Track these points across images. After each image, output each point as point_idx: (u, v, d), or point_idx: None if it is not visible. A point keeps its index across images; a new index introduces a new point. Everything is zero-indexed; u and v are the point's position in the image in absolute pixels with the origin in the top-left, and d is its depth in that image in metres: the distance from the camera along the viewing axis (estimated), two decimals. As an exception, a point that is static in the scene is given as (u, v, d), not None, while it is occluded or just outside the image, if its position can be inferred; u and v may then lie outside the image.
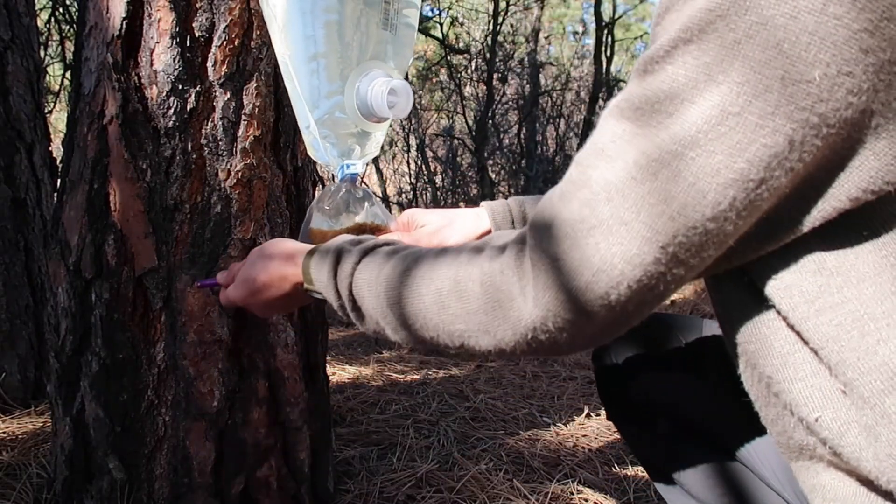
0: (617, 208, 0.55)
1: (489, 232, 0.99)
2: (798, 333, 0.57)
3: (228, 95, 1.21)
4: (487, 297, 0.63)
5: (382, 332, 0.75)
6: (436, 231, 0.99)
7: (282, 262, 0.85)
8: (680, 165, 0.52)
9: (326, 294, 0.78)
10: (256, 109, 1.23)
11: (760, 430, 0.64)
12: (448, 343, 0.69)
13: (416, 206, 6.80)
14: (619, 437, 1.83)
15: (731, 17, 0.50)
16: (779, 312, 0.57)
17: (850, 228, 0.54)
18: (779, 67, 0.49)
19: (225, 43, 1.19)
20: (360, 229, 0.97)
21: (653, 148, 0.53)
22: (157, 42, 1.17)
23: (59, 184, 1.36)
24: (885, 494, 0.55)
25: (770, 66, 0.49)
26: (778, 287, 0.57)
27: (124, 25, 1.17)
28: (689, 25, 0.52)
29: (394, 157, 7.45)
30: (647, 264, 0.55)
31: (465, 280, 0.65)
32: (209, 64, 1.19)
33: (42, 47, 4.06)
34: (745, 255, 0.57)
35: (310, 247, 0.84)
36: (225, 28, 1.18)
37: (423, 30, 6.80)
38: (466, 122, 6.76)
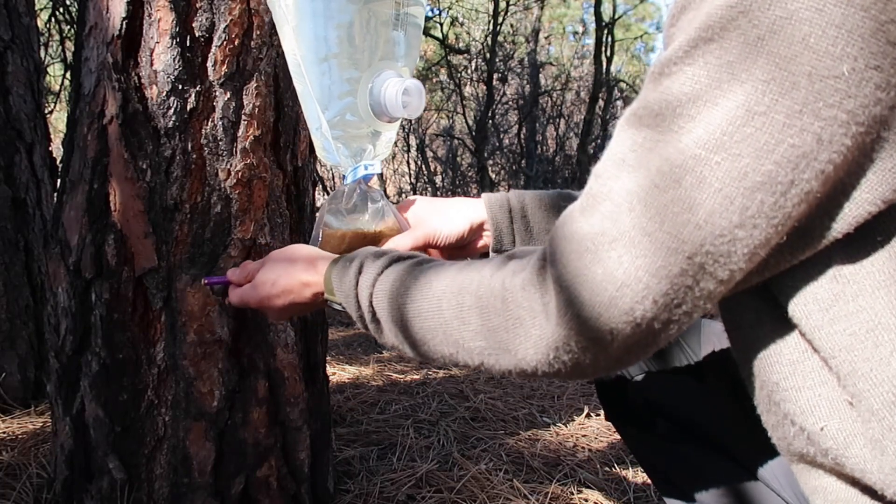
0: (640, 218, 0.52)
1: (483, 224, 0.98)
2: (809, 342, 0.55)
3: (228, 95, 1.21)
4: (509, 313, 0.61)
5: (401, 346, 0.73)
6: (425, 221, 0.97)
7: (304, 269, 0.84)
8: (705, 171, 0.50)
9: (347, 305, 0.77)
10: (256, 109, 1.23)
11: (760, 432, 0.64)
12: (467, 360, 0.67)
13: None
14: (619, 437, 1.83)
15: (754, 13, 0.48)
16: (791, 319, 0.56)
17: (866, 234, 0.52)
18: (806, 63, 0.47)
19: (225, 43, 1.19)
20: (373, 232, 0.97)
21: (676, 154, 0.51)
22: (157, 42, 1.17)
23: (59, 184, 1.36)
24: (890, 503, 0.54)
25: (797, 61, 0.47)
26: (792, 294, 0.55)
27: (124, 25, 1.17)
28: (710, 23, 0.50)
29: (394, 157, 7.46)
30: (674, 276, 0.52)
31: (487, 296, 0.63)
32: (209, 64, 1.19)
33: (42, 47, 4.06)
34: (779, 265, 0.55)
35: (333, 256, 0.83)
36: (225, 28, 1.18)
37: (424, 30, 6.79)
38: (466, 122, 6.77)
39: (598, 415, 2.01)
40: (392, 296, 0.72)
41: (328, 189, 6.35)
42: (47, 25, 4.49)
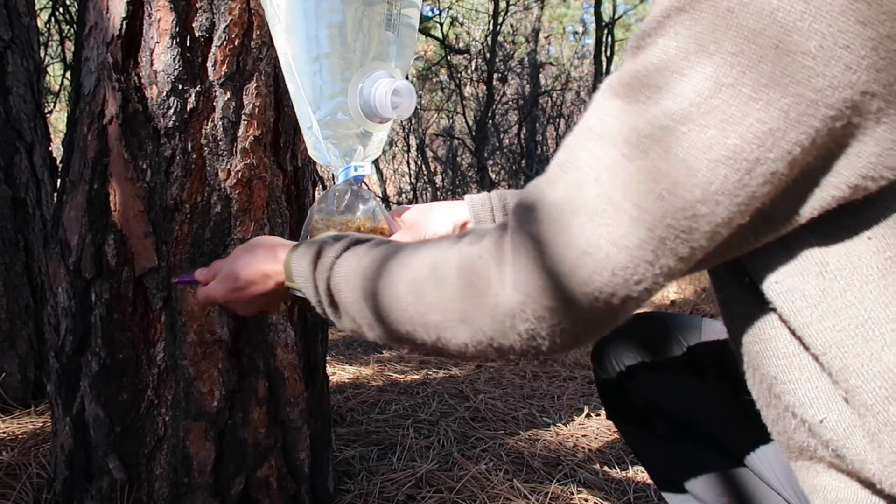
0: (605, 187, 0.52)
1: (466, 223, 0.98)
2: (799, 338, 0.55)
3: (228, 95, 1.21)
4: (463, 281, 0.60)
5: (359, 329, 0.72)
6: (412, 225, 0.98)
7: (265, 259, 0.83)
8: (671, 141, 0.50)
9: (305, 290, 0.76)
10: (256, 109, 1.23)
11: (760, 429, 0.64)
12: (424, 337, 0.65)
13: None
14: (619, 437, 1.83)
15: None
16: (780, 316, 0.56)
17: (853, 230, 0.52)
18: (772, 36, 0.47)
19: (225, 43, 1.19)
20: (363, 233, 0.97)
21: (643, 123, 0.51)
22: (157, 42, 1.17)
23: (59, 184, 1.36)
24: (889, 498, 0.54)
25: (764, 35, 0.47)
26: (779, 290, 0.55)
27: (124, 25, 1.17)
28: None
29: (394, 157, 7.46)
30: (633, 247, 0.52)
31: (442, 266, 0.62)
32: (209, 64, 1.19)
33: (42, 47, 4.06)
34: (741, 247, 0.55)
35: (293, 243, 0.82)
36: (225, 28, 1.18)
37: (423, 30, 6.80)
38: (466, 122, 6.77)
39: (598, 415, 2.01)
40: (349, 277, 0.70)
41: (327, 189, 6.34)
42: (47, 25, 4.50)
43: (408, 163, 7.18)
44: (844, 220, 0.52)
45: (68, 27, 4.50)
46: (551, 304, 0.56)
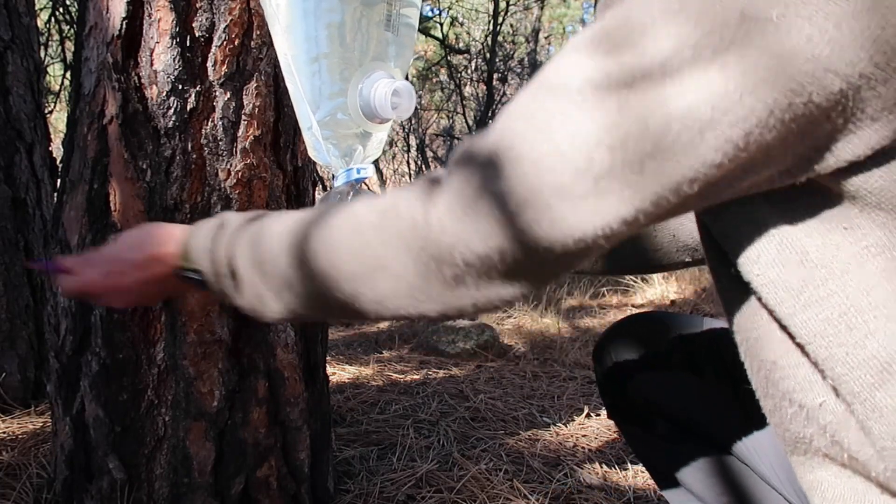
0: (554, 135, 0.51)
1: None
2: (785, 328, 0.55)
3: (228, 95, 1.21)
4: (385, 223, 0.57)
5: (261, 300, 0.66)
6: None
7: (157, 242, 0.76)
8: (626, 94, 0.49)
9: (202, 262, 0.70)
10: (256, 109, 1.23)
11: (759, 426, 0.64)
12: (337, 295, 0.60)
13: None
14: (619, 437, 1.83)
15: None
16: (766, 306, 0.56)
17: (829, 220, 0.52)
18: (739, 0, 0.47)
19: (225, 43, 1.19)
20: None
21: (601, 76, 0.50)
22: (157, 42, 1.17)
23: (59, 184, 1.36)
24: (884, 488, 0.54)
25: None
26: (762, 282, 0.55)
27: (124, 25, 1.17)
28: None
29: (394, 158, 7.47)
30: (576, 198, 0.50)
31: (364, 213, 0.58)
32: (209, 64, 1.19)
33: (42, 47, 4.06)
34: (685, 211, 0.54)
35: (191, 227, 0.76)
36: (225, 28, 1.18)
37: (423, 30, 6.80)
38: (466, 122, 6.77)
39: (599, 415, 2.01)
40: (251, 242, 0.65)
41: (328, 189, 6.34)
42: (47, 25, 4.50)
43: (408, 163, 7.19)
44: (820, 210, 0.52)
45: (68, 27, 4.50)
46: (483, 251, 0.53)
